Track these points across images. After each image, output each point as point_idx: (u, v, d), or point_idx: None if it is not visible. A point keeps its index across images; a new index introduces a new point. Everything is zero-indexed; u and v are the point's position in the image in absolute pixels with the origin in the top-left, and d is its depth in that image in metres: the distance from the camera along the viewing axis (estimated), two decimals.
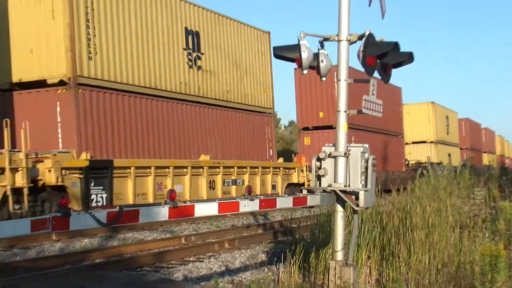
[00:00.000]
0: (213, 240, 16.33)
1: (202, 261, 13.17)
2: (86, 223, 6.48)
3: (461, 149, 60.15)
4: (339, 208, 8.58)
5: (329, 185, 8.38)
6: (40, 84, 20.03)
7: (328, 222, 10.80)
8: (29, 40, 20.27)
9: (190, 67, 25.09)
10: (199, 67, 25.68)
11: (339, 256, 8.53)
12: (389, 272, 9.81)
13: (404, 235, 10.41)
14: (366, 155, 8.41)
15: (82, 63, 19.83)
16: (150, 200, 21.47)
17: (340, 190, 8.31)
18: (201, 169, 24.68)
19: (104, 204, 19.66)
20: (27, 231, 6.15)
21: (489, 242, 9.79)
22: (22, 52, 20.28)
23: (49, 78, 19.80)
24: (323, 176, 8.43)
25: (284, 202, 9.29)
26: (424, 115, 51.54)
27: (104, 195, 19.71)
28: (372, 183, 8.43)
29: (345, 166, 8.34)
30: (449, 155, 54.35)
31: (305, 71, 8.58)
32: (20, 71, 20.21)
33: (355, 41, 8.47)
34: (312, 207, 12.48)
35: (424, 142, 51.77)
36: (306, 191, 8.83)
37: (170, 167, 22.82)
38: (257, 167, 28.24)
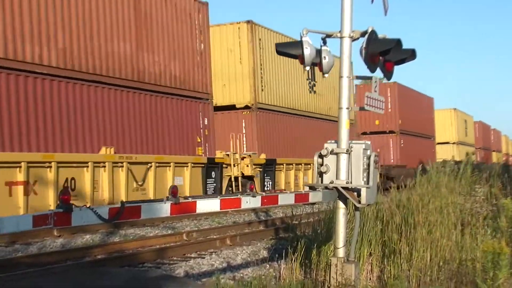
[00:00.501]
0: (214, 237, 16.33)
1: (204, 258, 13.18)
2: (88, 219, 6.48)
3: (476, 148, 67.66)
4: (341, 205, 8.58)
5: (331, 182, 8.38)
6: (230, 107, 28.68)
7: (329, 219, 10.80)
8: (223, 77, 28.56)
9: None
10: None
11: (341, 252, 8.54)
12: (390, 269, 9.82)
13: (405, 232, 10.42)
14: (368, 152, 8.42)
15: (258, 93, 28.73)
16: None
17: (342, 187, 8.31)
18: None
19: (270, 188, 28.42)
20: (29, 226, 6.15)
21: (491, 240, 9.79)
22: (218, 85, 27.61)
23: (237, 104, 28.63)
24: (325, 172, 8.43)
25: (286, 198, 9.29)
26: (447, 120, 59.46)
27: (271, 183, 28.70)
28: (374, 180, 8.43)
29: (347, 163, 8.33)
30: (467, 154, 56.76)
31: (308, 68, 8.58)
32: (216, 98, 26.61)
33: (358, 38, 8.47)
34: (314, 204, 12.48)
35: (448, 143, 59.25)
36: (308, 187, 8.83)
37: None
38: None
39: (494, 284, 8.07)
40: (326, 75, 8.65)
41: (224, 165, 25.31)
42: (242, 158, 26.38)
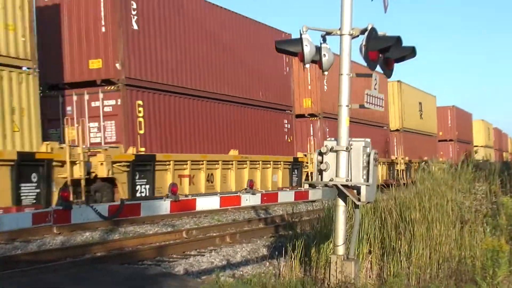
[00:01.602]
0: (214, 234, 16.32)
1: (203, 255, 13.18)
2: (87, 217, 6.50)
3: (494, 149, 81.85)
4: (341, 202, 8.58)
5: (331, 180, 8.39)
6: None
7: (329, 217, 10.79)
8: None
9: None
10: None
11: (341, 250, 8.54)
12: (390, 267, 9.81)
13: (405, 230, 10.41)
14: (368, 150, 8.42)
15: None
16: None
17: (341, 185, 8.32)
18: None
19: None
20: (29, 224, 6.15)
21: (490, 237, 9.79)
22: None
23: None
24: (325, 170, 8.44)
25: (286, 196, 9.31)
26: (478, 128, 72.77)
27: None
28: (374, 177, 8.43)
29: (347, 160, 8.34)
30: (490, 154, 72.97)
31: (307, 65, 8.58)
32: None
33: (358, 35, 8.47)
34: (313, 201, 12.48)
35: (477, 146, 70.86)
36: (308, 185, 8.84)
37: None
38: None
39: (494, 282, 8.08)
40: (325, 73, 8.65)
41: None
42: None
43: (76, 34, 21.46)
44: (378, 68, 8.77)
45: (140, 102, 21.36)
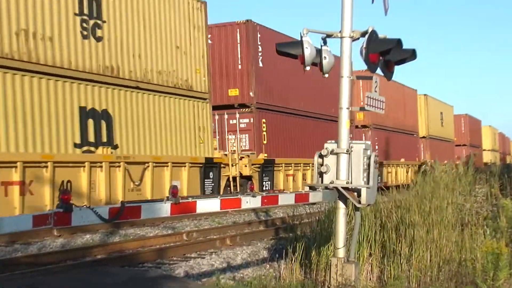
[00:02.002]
0: (214, 237, 16.31)
1: (204, 258, 13.17)
2: (88, 219, 6.48)
3: (499, 153, 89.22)
4: (341, 205, 8.58)
5: (331, 182, 8.39)
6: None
7: (329, 219, 10.79)
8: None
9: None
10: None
11: (341, 253, 8.54)
12: (390, 269, 9.81)
13: (405, 233, 10.42)
14: (368, 152, 8.42)
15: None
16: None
17: (342, 187, 8.31)
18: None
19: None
20: (29, 226, 6.15)
21: (490, 240, 9.79)
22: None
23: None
24: (325, 173, 8.44)
25: (286, 198, 9.29)
26: (486, 133, 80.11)
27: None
28: (374, 180, 8.43)
29: (347, 163, 8.34)
30: (496, 157, 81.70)
31: (308, 68, 8.59)
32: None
33: (358, 38, 8.48)
34: (314, 204, 12.47)
35: (485, 150, 78.71)
36: (308, 187, 8.84)
37: None
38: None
39: (494, 285, 8.08)
40: (326, 75, 8.65)
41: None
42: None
43: (218, 70, 27.86)
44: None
45: (264, 120, 28.43)
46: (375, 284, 9.75)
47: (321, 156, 8.52)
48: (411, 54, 8.61)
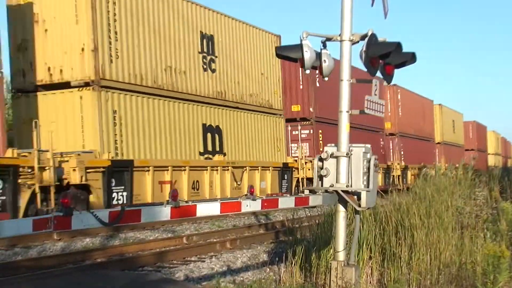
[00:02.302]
0: (214, 240, 16.32)
1: (204, 261, 13.17)
2: (88, 223, 6.47)
3: (501, 156, 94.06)
4: (341, 208, 8.58)
5: (331, 185, 8.39)
6: None
7: (329, 223, 10.79)
8: None
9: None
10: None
11: (341, 256, 8.53)
12: (390, 273, 9.81)
13: (405, 236, 10.41)
14: (368, 155, 8.42)
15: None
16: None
17: (342, 190, 8.31)
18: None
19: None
20: (29, 230, 6.14)
21: (491, 243, 9.79)
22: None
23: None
24: (325, 176, 8.43)
25: (286, 202, 9.29)
26: (491, 138, 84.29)
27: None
28: (374, 183, 8.43)
29: (347, 166, 8.34)
30: (499, 160, 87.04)
31: (308, 71, 8.59)
32: None
33: (358, 41, 8.48)
34: (314, 207, 12.47)
35: (490, 153, 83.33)
36: (308, 191, 8.83)
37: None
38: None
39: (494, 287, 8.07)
40: (326, 78, 8.65)
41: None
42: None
43: (283, 89, 31.72)
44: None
45: (320, 131, 33.10)
46: (375, 287, 9.74)
47: (321, 160, 8.52)
48: (411, 58, 8.61)
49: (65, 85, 20.62)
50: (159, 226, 19.52)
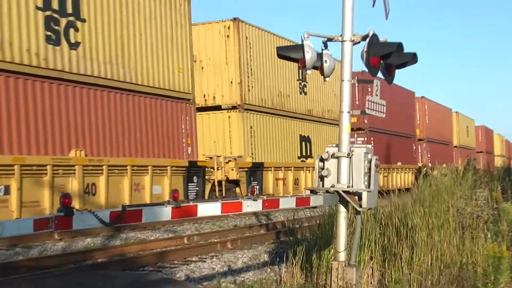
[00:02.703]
0: (215, 240, 16.32)
1: (205, 261, 13.17)
2: (89, 223, 6.47)
3: (506, 158, 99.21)
4: (342, 208, 8.58)
5: (332, 186, 8.38)
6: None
7: (330, 223, 10.79)
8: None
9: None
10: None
11: (342, 256, 8.53)
12: (391, 273, 9.81)
13: (406, 236, 10.41)
14: (369, 156, 8.41)
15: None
16: None
17: (343, 191, 8.31)
18: None
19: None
20: (30, 230, 6.14)
21: (491, 244, 9.78)
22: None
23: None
24: (326, 176, 8.43)
25: (287, 202, 9.28)
26: (496, 141, 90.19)
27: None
28: (375, 183, 8.42)
29: (348, 166, 8.33)
30: (504, 162, 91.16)
31: (309, 71, 8.58)
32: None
33: (359, 42, 8.47)
34: (315, 207, 12.47)
35: (496, 155, 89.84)
36: (309, 191, 8.83)
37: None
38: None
39: None
40: (327, 79, 8.65)
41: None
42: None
43: None
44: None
45: (372, 138, 39.07)
46: (376, 287, 9.74)
47: (322, 160, 8.52)
48: (412, 58, 8.61)
49: (217, 108, 28.00)
50: (160, 226, 19.52)
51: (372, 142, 38.05)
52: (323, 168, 8.48)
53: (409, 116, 47.61)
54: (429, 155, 51.30)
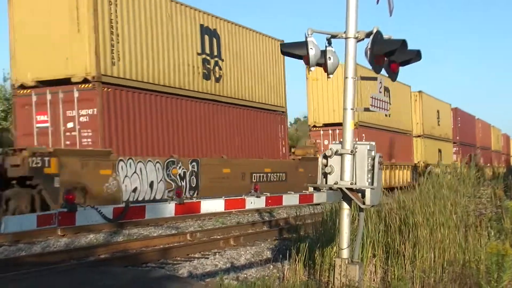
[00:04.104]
0: (218, 237, 16.33)
1: (207, 258, 13.18)
2: (92, 219, 6.48)
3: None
4: (345, 205, 8.56)
5: (336, 183, 8.36)
6: None
7: (333, 220, 10.78)
8: None
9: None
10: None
11: (345, 253, 8.52)
12: (394, 270, 9.79)
13: (409, 234, 10.39)
14: (373, 153, 8.39)
15: None
16: None
17: (346, 188, 8.29)
18: None
19: None
20: (33, 226, 6.15)
21: (495, 241, 9.77)
22: None
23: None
24: (329, 173, 8.42)
25: (290, 199, 9.28)
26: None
27: None
28: (379, 181, 8.40)
29: (352, 163, 8.32)
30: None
31: (313, 68, 8.56)
32: None
33: (363, 39, 8.45)
34: (318, 204, 12.46)
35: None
36: (312, 188, 8.82)
37: None
38: None
39: (499, 286, 8.05)
40: (331, 76, 8.63)
41: None
42: None
43: None
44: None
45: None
46: (379, 285, 9.73)
47: (325, 157, 8.50)
48: (416, 55, 8.59)
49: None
50: (162, 222, 19.54)
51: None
52: (326, 165, 8.46)
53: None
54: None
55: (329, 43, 8.55)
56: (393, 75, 8.68)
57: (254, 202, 7.98)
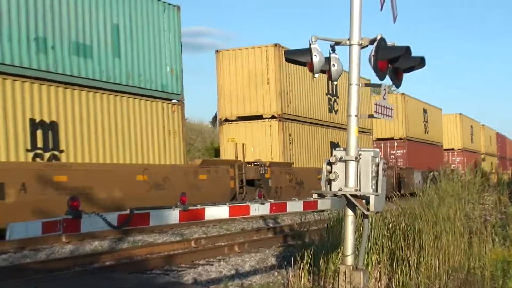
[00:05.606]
0: (223, 244, 16.33)
1: (212, 265, 13.18)
2: (97, 226, 6.48)
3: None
4: (350, 212, 8.56)
5: (340, 189, 8.36)
6: None
7: (337, 227, 10.78)
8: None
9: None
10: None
11: (349, 260, 8.52)
12: (399, 277, 9.79)
13: (413, 240, 10.39)
14: (377, 160, 8.39)
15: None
16: None
17: (350, 194, 8.29)
18: None
19: None
20: (38, 233, 6.15)
21: (499, 248, 9.77)
22: None
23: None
24: (333, 180, 8.42)
25: (295, 206, 9.26)
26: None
27: None
28: (383, 187, 8.41)
29: (356, 170, 8.32)
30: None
31: (317, 75, 8.57)
32: None
33: (367, 45, 8.45)
34: (322, 211, 12.47)
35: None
36: (316, 195, 8.82)
37: None
38: None
39: None
40: (335, 82, 8.64)
41: None
42: None
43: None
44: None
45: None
46: None
47: (329, 164, 8.50)
48: (420, 62, 8.59)
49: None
50: (167, 229, 19.55)
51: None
52: (330, 172, 8.47)
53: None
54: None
55: (333, 50, 8.56)
56: (397, 82, 8.69)
57: (258, 209, 7.98)
